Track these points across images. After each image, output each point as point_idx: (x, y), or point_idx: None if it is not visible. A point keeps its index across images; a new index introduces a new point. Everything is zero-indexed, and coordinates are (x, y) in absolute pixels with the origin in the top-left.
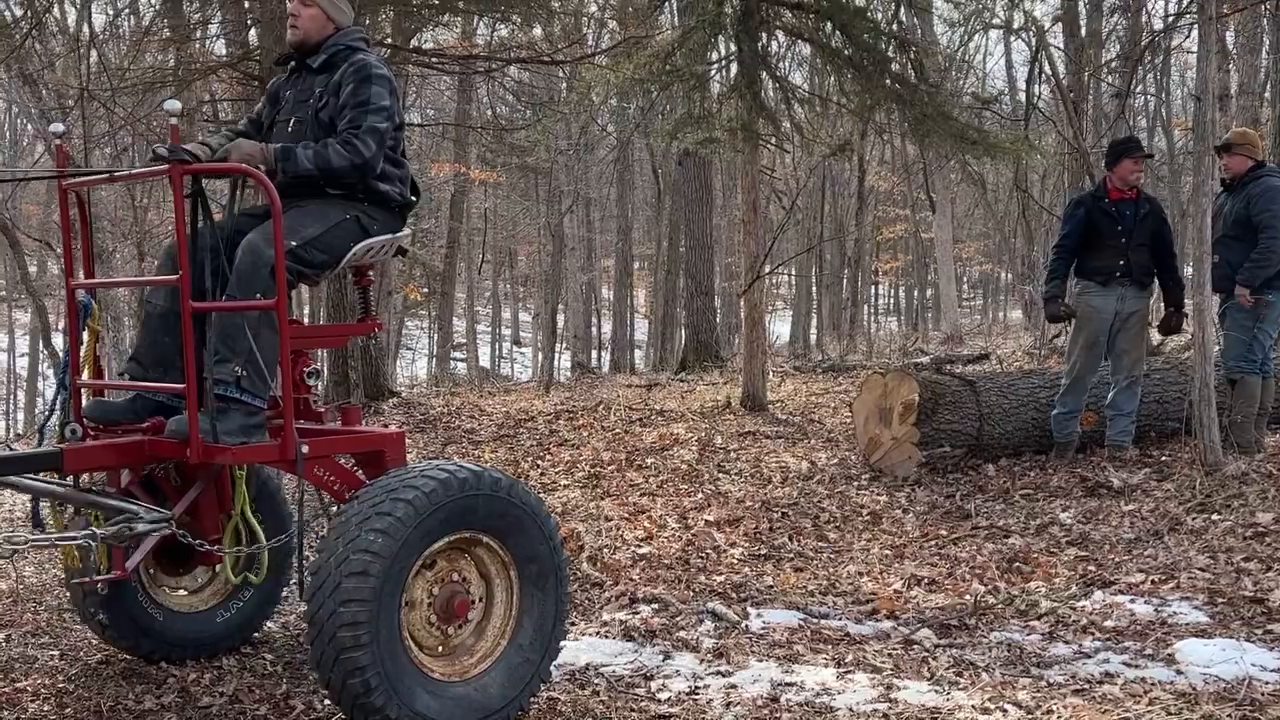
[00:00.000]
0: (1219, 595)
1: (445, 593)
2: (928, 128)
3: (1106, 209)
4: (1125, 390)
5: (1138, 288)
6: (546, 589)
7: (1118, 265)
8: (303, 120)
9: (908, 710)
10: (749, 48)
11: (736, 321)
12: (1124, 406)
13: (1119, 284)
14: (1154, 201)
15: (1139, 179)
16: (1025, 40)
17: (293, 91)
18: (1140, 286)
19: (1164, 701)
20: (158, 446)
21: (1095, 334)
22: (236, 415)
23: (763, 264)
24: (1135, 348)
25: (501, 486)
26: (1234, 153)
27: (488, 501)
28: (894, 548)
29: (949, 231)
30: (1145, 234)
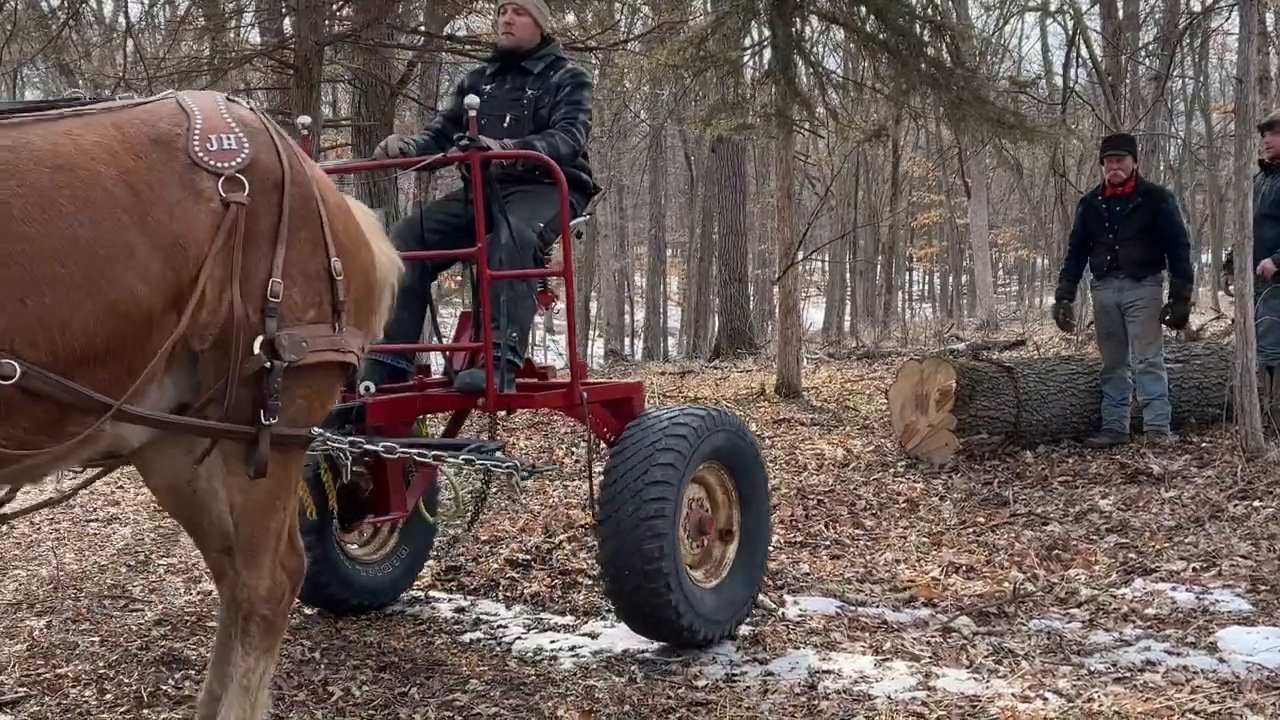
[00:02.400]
0: (1261, 583)
1: (696, 513)
2: (963, 112)
3: (1097, 205)
4: (1144, 376)
5: (1133, 280)
6: (760, 512)
7: (1106, 260)
8: (519, 118)
9: (947, 698)
10: (783, 32)
11: (770, 308)
12: (1151, 391)
13: (1113, 277)
14: (1152, 194)
15: (1118, 175)
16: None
17: (499, 90)
18: (1135, 278)
19: (1206, 690)
20: (446, 399)
21: (1105, 326)
22: (508, 373)
23: (797, 250)
24: (1145, 334)
25: (737, 425)
26: (1277, 131)
27: (728, 437)
28: (931, 535)
29: (984, 217)
30: (1134, 227)
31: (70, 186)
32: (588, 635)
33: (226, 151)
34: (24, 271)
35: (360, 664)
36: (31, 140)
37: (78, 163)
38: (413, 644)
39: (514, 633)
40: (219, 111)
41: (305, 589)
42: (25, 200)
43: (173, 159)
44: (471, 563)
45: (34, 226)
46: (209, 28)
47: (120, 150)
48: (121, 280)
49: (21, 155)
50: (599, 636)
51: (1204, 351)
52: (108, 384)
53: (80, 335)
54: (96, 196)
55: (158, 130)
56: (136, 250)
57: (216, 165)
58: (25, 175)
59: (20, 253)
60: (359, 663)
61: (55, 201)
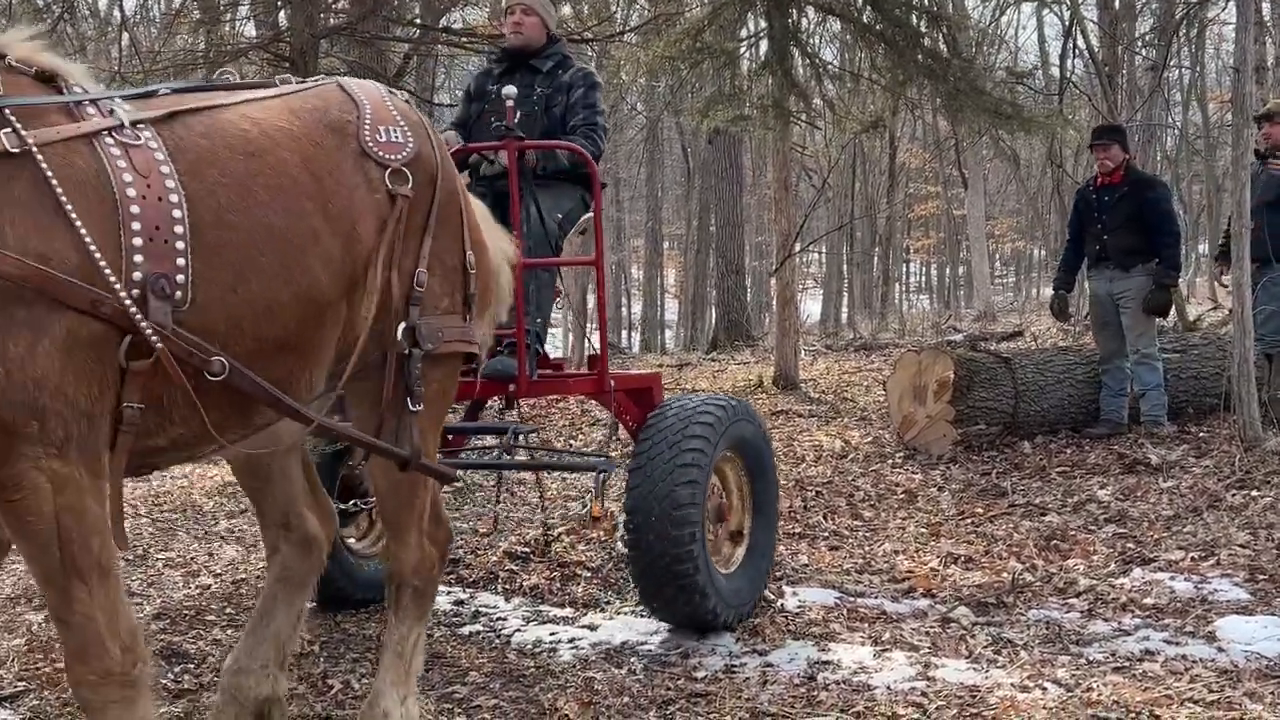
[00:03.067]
0: (1260, 572)
1: (715, 500)
2: (960, 103)
3: (1088, 196)
4: (1139, 367)
5: (1122, 269)
6: (769, 497)
7: (1095, 250)
8: (530, 114)
9: (946, 689)
10: (780, 24)
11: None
12: (1147, 382)
13: (1103, 266)
14: (1139, 183)
15: (1106, 165)
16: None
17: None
18: (1124, 268)
19: (1205, 679)
20: (474, 385)
21: (1099, 315)
22: (533, 360)
23: (794, 242)
24: (1136, 324)
25: (753, 414)
26: (1275, 121)
27: (745, 426)
28: (930, 526)
29: (981, 208)
30: (1122, 216)
31: (263, 174)
32: (587, 627)
33: (394, 144)
34: (233, 260)
35: (360, 657)
36: (224, 128)
37: (266, 149)
38: None
39: (513, 625)
40: (384, 103)
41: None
42: (228, 189)
43: (345, 146)
44: (470, 555)
45: (237, 215)
46: (204, 21)
47: (300, 136)
48: (310, 269)
49: (217, 143)
50: (598, 628)
51: (1201, 341)
52: (288, 375)
53: (278, 325)
54: (286, 184)
55: (330, 117)
56: (321, 238)
57: (385, 157)
58: (224, 163)
59: (229, 242)
60: (358, 655)
61: (252, 190)
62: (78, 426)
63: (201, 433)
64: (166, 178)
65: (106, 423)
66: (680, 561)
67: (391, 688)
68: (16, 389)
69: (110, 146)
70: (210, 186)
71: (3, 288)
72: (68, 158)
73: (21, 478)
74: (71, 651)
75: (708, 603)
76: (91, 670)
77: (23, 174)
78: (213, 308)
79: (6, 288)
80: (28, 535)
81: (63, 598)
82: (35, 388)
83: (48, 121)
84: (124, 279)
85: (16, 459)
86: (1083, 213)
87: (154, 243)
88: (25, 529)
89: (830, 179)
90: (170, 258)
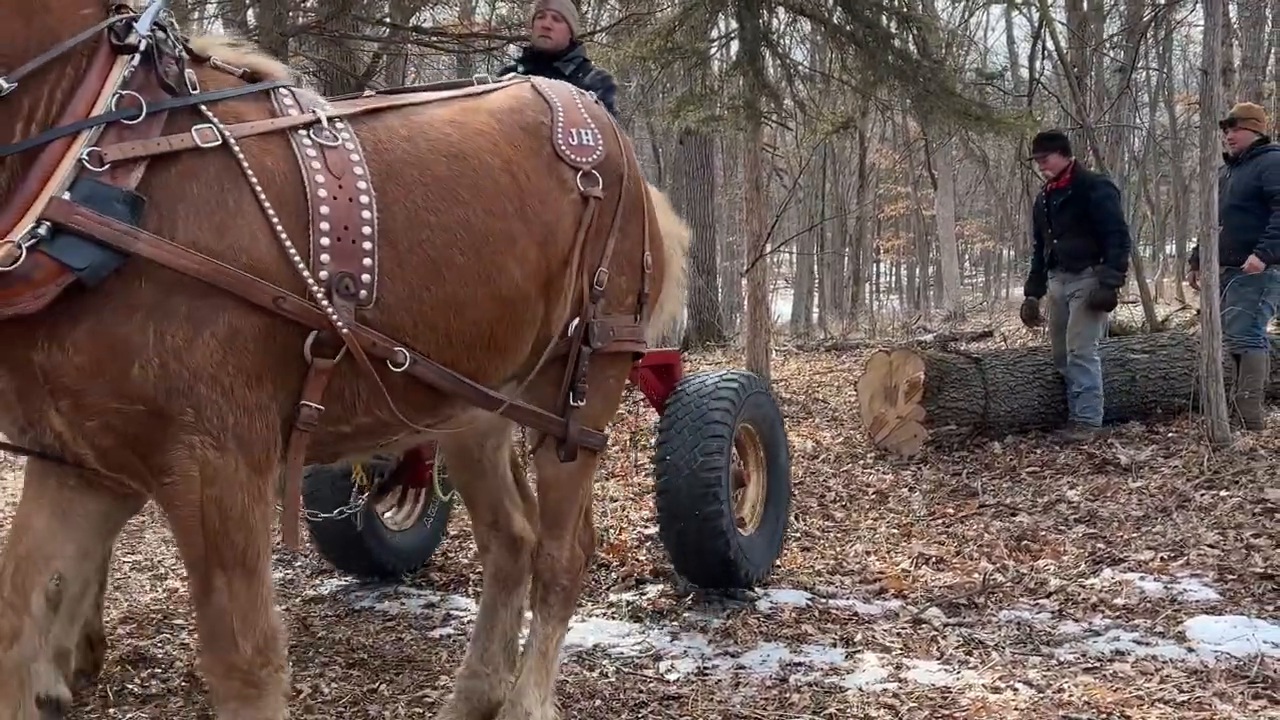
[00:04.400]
0: (1229, 572)
1: (734, 467)
2: (930, 104)
3: (1040, 201)
4: (1073, 368)
5: (1071, 272)
6: (779, 466)
7: (1050, 254)
8: None
9: (918, 690)
10: (750, 24)
11: (739, 300)
12: (1081, 383)
13: (1057, 269)
14: (1085, 185)
15: (1048, 172)
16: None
17: None
18: (1073, 270)
19: (1175, 679)
20: None
21: (1056, 318)
22: None
23: (765, 242)
24: (1076, 324)
25: (764, 387)
26: (1239, 127)
27: (759, 398)
28: (901, 526)
29: (951, 208)
30: (1068, 219)
31: (465, 176)
32: None
33: (586, 147)
34: (427, 260)
35: (329, 661)
36: (426, 130)
37: (468, 151)
38: (382, 640)
39: None
40: (576, 104)
41: (349, 554)
42: (428, 190)
43: (541, 149)
44: (441, 557)
45: (436, 215)
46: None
47: (500, 139)
48: (506, 268)
49: (420, 145)
50: (570, 631)
51: (1170, 342)
52: (479, 369)
53: (470, 323)
54: (486, 185)
55: (525, 119)
56: (518, 239)
57: (577, 160)
58: (427, 165)
59: (425, 241)
60: (328, 659)
61: (454, 190)
62: (236, 419)
63: (391, 421)
64: (359, 179)
65: (274, 418)
66: (708, 521)
67: (535, 688)
68: (172, 378)
69: (306, 145)
70: (408, 186)
71: (169, 281)
72: (262, 154)
73: (174, 463)
74: (203, 637)
75: (733, 562)
76: (218, 661)
77: (212, 168)
78: (401, 307)
79: (173, 280)
80: (175, 519)
81: (202, 585)
82: (192, 377)
83: (245, 118)
84: (312, 277)
85: (172, 445)
86: (1037, 218)
87: (341, 243)
88: (174, 512)
89: (801, 179)
90: (357, 258)
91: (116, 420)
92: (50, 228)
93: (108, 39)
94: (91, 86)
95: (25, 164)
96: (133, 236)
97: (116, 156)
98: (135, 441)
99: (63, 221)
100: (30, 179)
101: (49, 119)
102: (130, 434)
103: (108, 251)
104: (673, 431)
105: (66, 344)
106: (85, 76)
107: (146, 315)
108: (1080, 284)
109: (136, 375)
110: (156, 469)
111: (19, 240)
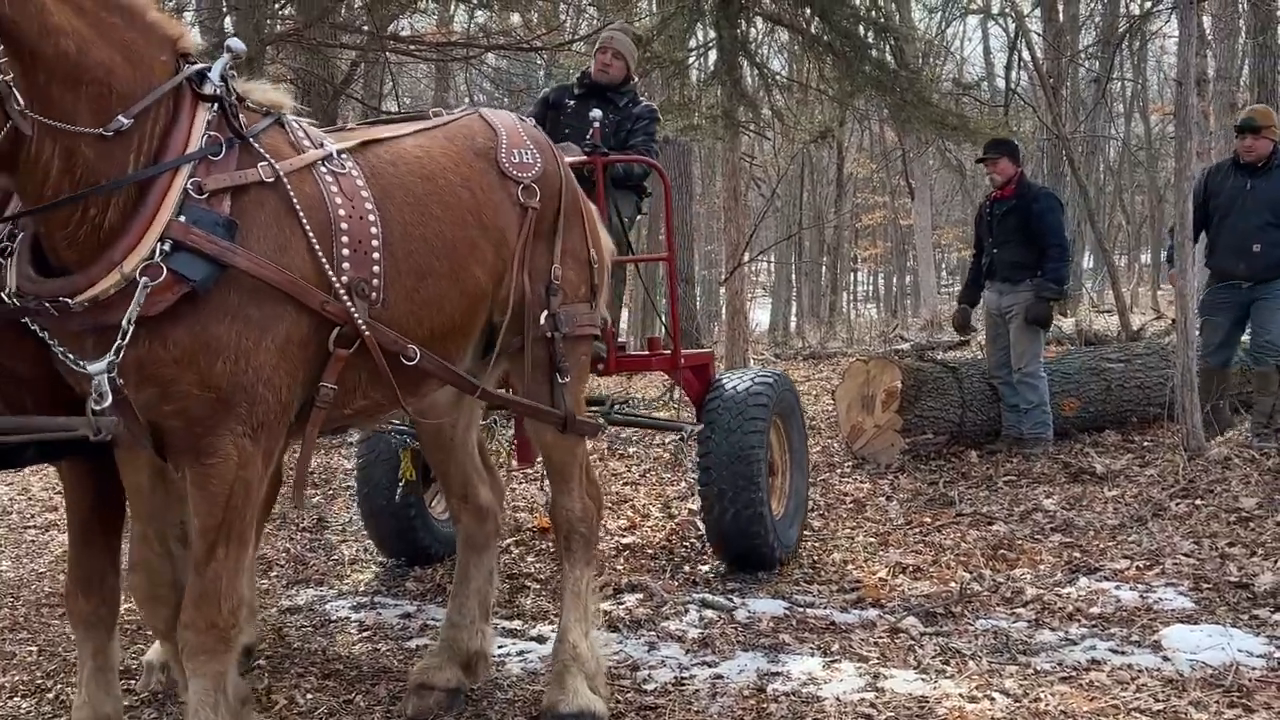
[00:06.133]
0: (1204, 581)
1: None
2: (907, 113)
3: (983, 209)
4: (1021, 385)
5: (1009, 283)
6: (800, 457)
7: (988, 264)
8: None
9: (895, 699)
10: (728, 34)
11: (717, 309)
12: (1030, 400)
13: (994, 280)
14: (1027, 196)
15: (995, 179)
16: (1004, 26)
17: (583, 108)
18: (1011, 281)
19: (1151, 688)
20: None
21: (991, 328)
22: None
23: (743, 251)
24: (1019, 342)
25: (790, 384)
26: (1262, 135)
27: (788, 394)
28: (878, 535)
29: (928, 217)
30: (1008, 230)
31: (436, 194)
32: (535, 640)
33: (525, 164)
34: (418, 265)
35: (305, 671)
36: (403, 155)
37: (436, 173)
38: (358, 650)
39: None
40: (517, 129)
41: (401, 540)
42: (412, 208)
43: (490, 168)
44: (417, 568)
45: (420, 228)
46: None
47: (459, 161)
48: (471, 269)
49: (401, 169)
50: (546, 641)
51: (1145, 351)
52: (450, 354)
53: (446, 316)
54: (452, 202)
55: (476, 144)
56: (478, 245)
57: (519, 175)
58: (408, 186)
59: (415, 250)
60: (303, 670)
61: (429, 207)
62: (272, 415)
63: (386, 402)
64: (366, 200)
65: (290, 416)
66: (748, 507)
67: (576, 624)
68: (241, 374)
69: (325, 175)
70: (399, 206)
71: (252, 289)
72: (301, 184)
73: (219, 447)
74: (193, 597)
75: (769, 543)
76: (203, 617)
77: (272, 198)
78: (399, 305)
79: (256, 289)
80: (206, 494)
81: (208, 552)
82: (255, 376)
83: (283, 154)
84: (339, 282)
85: (222, 431)
86: (979, 227)
87: (357, 253)
88: (205, 488)
89: (779, 188)
90: (368, 265)
91: (192, 405)
92: (172, 245)
93: (189, 86)
94: (184, 127)
95: (141, 191)
96: (233, 253)
97: (213, 187)
98: (197, 424)
99: (181, 240)
100: (148, 203)
101: (152, 153)
102: (196, 417)
103: (214, 265)
104: (716, 425)
105: (168, 341)
106: (178, 118)
107: (232, 320)
108: (1017, 296)
109: (218, 369)
110: (203, 449)
111: (145, 257)
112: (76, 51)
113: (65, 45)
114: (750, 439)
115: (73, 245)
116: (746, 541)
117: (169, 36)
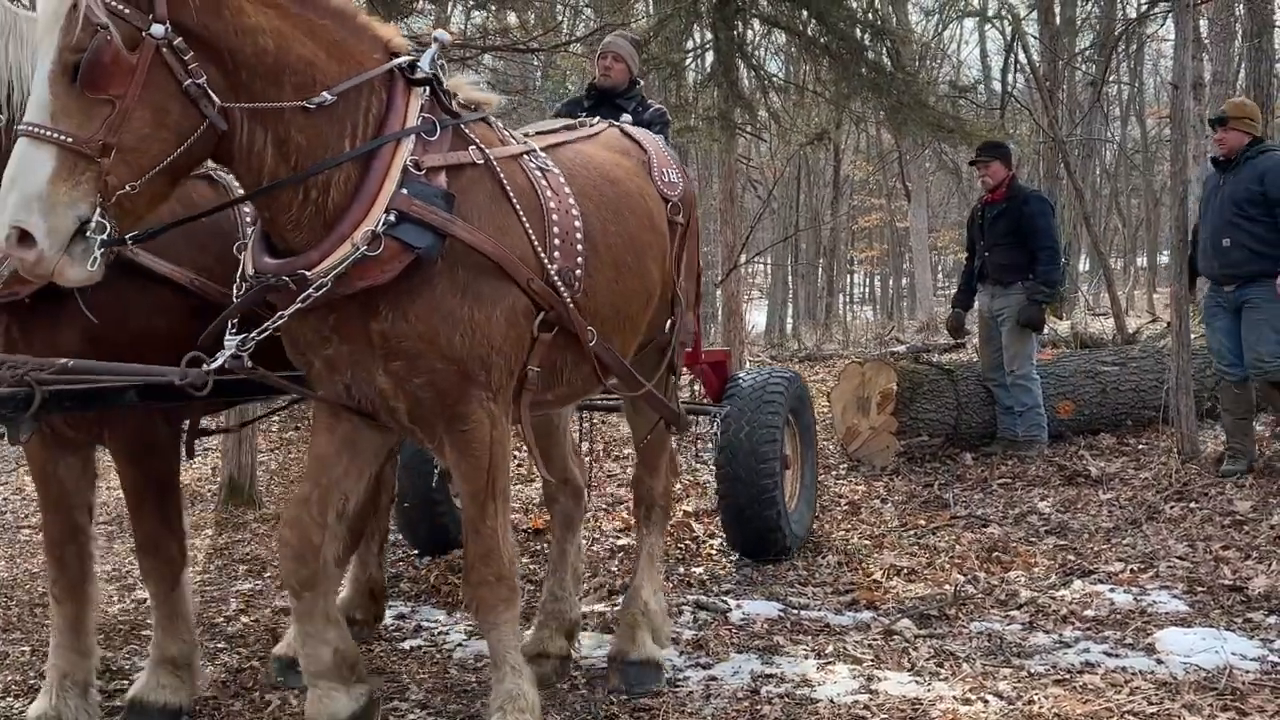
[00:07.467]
0: (1198, 584)
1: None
2: (904, 116)
3: (975, 213)
4: (1015, 388)
5: (1001, 286)
6: (810, 452)
7: (980, 266)
8: None
9: (889, 701)
10: (725, 36)
11: (713, 311)
12: (1024, 403)
13: (987, 283)
14: (1018, 199)
15: (987, 182)
16: (1000, 29)
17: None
18: (1003, 284)
19: (1145, 691)
20: None
21: (984, 331)
22: None
23: (739, 253)
24: (1012, 344)
25: (801, 381)
26: (1230, 127)
27: (800, 390)
28: (873, 537)
29: (924, 220)
30: (1000, 233)
31: (622, 197)
32: None
33: (673, 183)
34: (612, 260)
35: (299, 672)
36: (589, 160)
37: (620, 178)
38: None
39: (455, 639)
40: (660, 148)
41: (432, 530)
42: (605, 206)
43: (649, 183)
44: (412, 569)
45: (614, 226)
46: None
47: (631, 173)
48: (649, 269)
49: (591, 172)
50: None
51: (1141, 354)
52: (626, 348)
53: (629, 309)
54: (635, 205)
55: (633, 158)
56: (654, 247)
57: (669, 194)
58: (599, 187)
59: (610, 245)
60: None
61: (618, 208)
62: (504, 379)
63: (582, 389)
64: (569, 196)
65: (516, 380)
66: (764, 493)
67: (648, 583)
68: (478, 346)
69: (533, 168)
70: (596, 204)
71: (477, 264)
72: (512, 173)
73: (471, 414)
74: (478, 555)
75: (783, 533)
76: (491, 571)
77: (487, 181)
78: (598, 295)
79: (480, 264)
80: (469, 459)
81: (481, 512)
82: (488, 346)
83: (490, 142)
84: (551, 268)
85: (470, 399)
86: (971, 230)
87: (565, 244)
88: (469, 453)
89: (775, 191)
90: (574, 256)
91: (439, 378)
92: (397, 215)
93: (401, 75)
94: (399, 110)
95: (363, 167)
96: (452, 222)
97: (429, 163)
98: (445, 395)
99: (405, 211)
100: (371, 178)
101: (368, 137)
102: (442, 389)
103: (435, 235)
104: (732, 419)
105: (411, 315)
106: (392, 102)
107: (463, 295)
108: (1009, 299)
109: (457, 342)
110: (455, 417)
111: (375, 228)
112: (276, 49)
113: (264, 43)
114: (765, 433)
115: (298, 227)
116: (756, 528)
117: (380, 37)
